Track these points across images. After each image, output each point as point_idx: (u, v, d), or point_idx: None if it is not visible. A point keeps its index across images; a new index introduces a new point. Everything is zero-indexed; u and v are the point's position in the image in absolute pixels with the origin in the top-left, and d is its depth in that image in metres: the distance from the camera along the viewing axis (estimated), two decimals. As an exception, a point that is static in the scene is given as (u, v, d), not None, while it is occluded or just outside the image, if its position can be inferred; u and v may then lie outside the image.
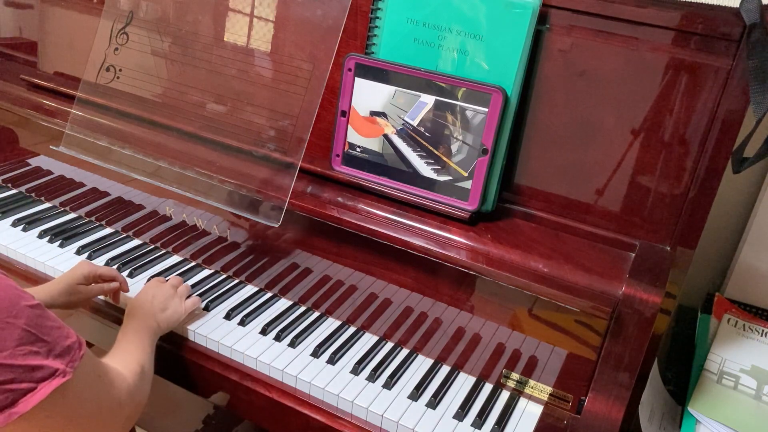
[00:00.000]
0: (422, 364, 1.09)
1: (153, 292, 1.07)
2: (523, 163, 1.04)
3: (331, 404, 1.01)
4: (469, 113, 1.00)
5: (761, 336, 1.19)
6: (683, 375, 1.11)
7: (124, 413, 0.85)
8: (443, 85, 1.01)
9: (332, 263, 1.12)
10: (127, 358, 0.93)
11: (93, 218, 1.39)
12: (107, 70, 1.28)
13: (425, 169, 1.05)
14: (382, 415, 0.97)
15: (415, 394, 1.01)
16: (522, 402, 1.03)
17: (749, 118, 0.89)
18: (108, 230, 1.37)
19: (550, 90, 0.99)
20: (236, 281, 1.24)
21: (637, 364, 0.90)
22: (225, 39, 1.18)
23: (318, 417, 1.00)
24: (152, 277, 1.21)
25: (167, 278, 1.16)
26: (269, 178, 1.12)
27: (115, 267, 1.24)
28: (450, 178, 1.04)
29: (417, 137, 1.05)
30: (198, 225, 1.25)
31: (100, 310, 1.16)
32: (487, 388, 1.05)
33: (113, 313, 1.16)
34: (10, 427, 0.69)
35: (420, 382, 1.03)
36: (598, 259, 0.97)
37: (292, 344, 1.09)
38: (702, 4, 0.90)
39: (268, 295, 1.22)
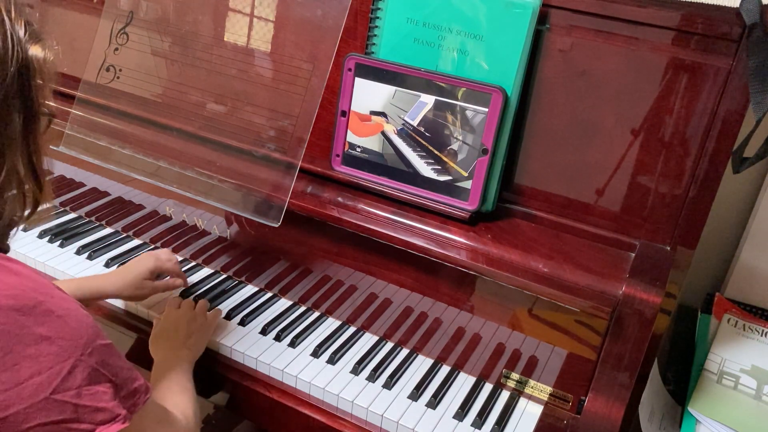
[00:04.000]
0: (422, 364, 1.09)
1: (173, 321, 1.05)
2: (523, 163, 1.04)
3: (331, 404, 1.01)
4: (469, 113, 1.00)
5: (761, 336, 1.19)
6: (683, 375, 1.11)
7: None
8: (443, 85, 1.01)
9: (332, 263, 1.12)
10: (177, 402, 0.90)
11: (93, 218, 1.39)
12: (107, 70, 1.28)
13: (425, 169, 1.05)
14: (382, 415, 0.97)
15: (415, 394, 1.01)
16: (522, 402, 1.03)
17: (749, 118, 0.89)
18: (108, 230, 1.37)
19: (550, 90, 0.99)
20: (236, 281, 1.24)
21: (637, 364, 0.90)
22: (225, 39, 1.18)
23: (318, 417, 1.00)
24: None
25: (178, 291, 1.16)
26: (269, 178, 1.12)
27: (115, 267, 1.24)
28: (450, 178, 1.04)
29: (417, 137, 1.05)
30: (198, 225, 1.25)
31: (101, 310, 1.16)
32: (487, 388, 1.05)
33: (121, 317, 1.15)
34: None
35: (420, 382, 1.03)
36: (598, 259, 0.97)
37: (292, 344, 1.09)
38: (702, 4, 0.89)
39: (268, 295, 1.22)
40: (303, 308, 1.19)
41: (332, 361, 1.06)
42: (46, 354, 0.64)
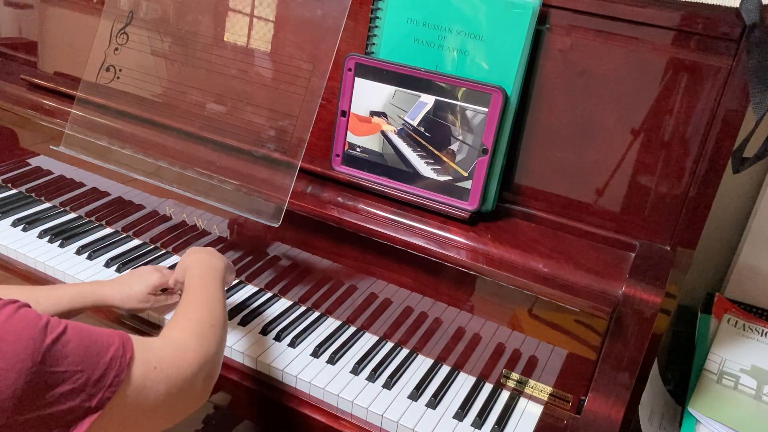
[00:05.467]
0: (422, 364, 1.09)
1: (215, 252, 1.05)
2: (523, 163, 1.04)
3: (331, 404, 1.01)
4: (469, 113, 1.00)
5: (761, 336, 1.19)
6: (683, 375, 1.11)
7: (198, 380, 0.79)
8: (443, 85, 1.01)
9: (332, 263, 1.12)
10: (194, 319, 0.85)
11: (93, 218, 1.39)
12: (107, 70, 1.28)
13: (425, 169, 1.05)
14: (382, 415, 0.97)
15: (415, 394, 1.01)
16: (522, 402, 1.03)
17: (749, 118, 0.89)
18: (108, 230, 1.37)
19: (550, 90, 0.99)
20: (236, 281, 1.24)
21: (637, 364, 0.90)
22: (225, 39, 1.18)
23: (318, 417, 1.00)
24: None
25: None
26: (269, 178, 1.12)
27: (115, 267, 1.24)
28: (450, 178, 1.04)
29: (417, 137, 1.05)
30: (198, 225, 1.25)
31: (101, 310, 1.16)
32: (487, 388, 1.05)
33: (114, 314, 1.15)
34: None
35: (420, 382, 1.03)
36: (598, 259, 0.97)
37: (292, 344, 1.09)
38: (702, 4, 0.90)
39: (268, 295, 1.22)
40: (303, 308, 1.19)
41: (332, 361, 1.06)
42: None
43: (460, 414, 0.98)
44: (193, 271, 0.97)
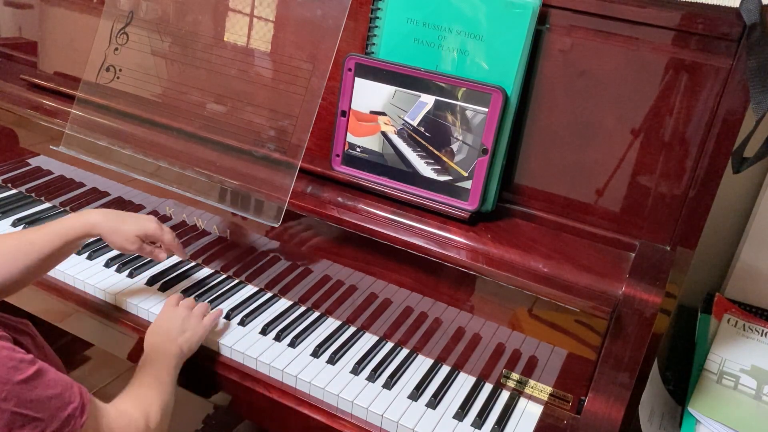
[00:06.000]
0: (422, 364, 1.09)
1: (168, 317, 1.05)
2: (523, 163, 1.04)
3: (331, 404, 1.01)
4: (469, 113, 1.00)
5: (761, 336, 1.19)
6: (683, 375, 1.11)
7: None
8: (443, 85, 1.01)
9: (332, 263, 1.12)
10: (143, 396, 0.91)
11: (93, 218, 1.39)
12: (107, 70, 1.28)
13: (425, 169, 1.05)
14: (382, 415, 0.97)
15: (415, 394, 1.01)
16: (522, 402, 1.03)
17: (749, 118, 0.89)
18: (108, 230, 1.37)
19: (550, 90, 0.99)
20: (236, 281, 1.24)
21: (637, 364, 0.90)
22: (225, 39, 1.18)
23: (318, 417, 1.00)
24: (152, 277, 1.22)
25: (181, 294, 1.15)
26: (269, 178, 1.12)
27: (114, 267, 1.24)
28: (450, 178, 1.04)
29: (417, 137, 1.05)
30: (198, 225, 1.25)
31: (101, 310, 1.16)
32: (487, 388, 1.05)
33: (114, 314, 1.16)
34: None
35: (420, 382, 1.03)
36: (598, 259, 0.97)
37: (292, 344, 1.09)
38: (702, 4, 0.89)
39: (268, 295, 1.22)
40: (303, 308, 1.19)
41: (332, 361, 1.06)
42: None
43: (460, 414, 0.98)
44: (149, 354, 1.00)
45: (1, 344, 0.67)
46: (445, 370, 1.08)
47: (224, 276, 1.26)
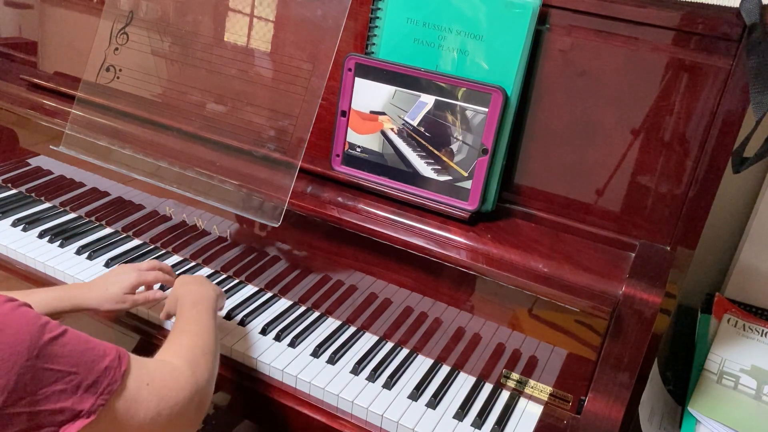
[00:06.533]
0: (422, 364, 1.09)
1: (188, 275, 1.06)
2: (523, 163, 1.04)
3: (331, 404, 1.01)
4: (469, 113, 1.00)
5: (761, 336, 1.19)
6: (683, 375, 1.11)
7: (191, 407, 0.80)
8: (443, 85, 1.01)
9: (332, 263, 1.12)
10: (186, 345, 0.86)
11: (93, 218, 1.39)
12: (107, 70, 1.28)
13: (425, 169, 1.05)
14: (382, 415, 0.97)
15: (415, 394, 1.01)
16: (522, 402, 1.03)
17: (749, 118, 0.89)
18: (108, 230, 1.37)
19: (550, 90, 0.99)
20: (236, 281, 1.24)
21: (637, 364, 0.90)
22: (225, 39, 1.18)
23: (318, 417, 1.00)
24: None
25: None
26: (269, 178, 1.12)
27: (115, 267, 1.24)
28: (450, 178, 1.04)
29: (417, 137, 1.05)
30: (198, 225, 1.25)
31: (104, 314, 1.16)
32: (487, 388, 1.05)
33: (123, 319, 1.15)
34: None
35: (420, 382, 1.03)
36: (598, 259, 0.97)
37: (292, 344, 1.09)
38: (702, 4, 0.89)
39: (268, 295, 1.22)
40: (303, 308, 1.19)
41: (332, 361, 1.06)
42: None
43: (460, 414, 0.98)
44: (185, 300, 0.97)
45: (27, 308, 0.67)
46: (445, 370, 1.08)
47: (224, 276, 1.26)
